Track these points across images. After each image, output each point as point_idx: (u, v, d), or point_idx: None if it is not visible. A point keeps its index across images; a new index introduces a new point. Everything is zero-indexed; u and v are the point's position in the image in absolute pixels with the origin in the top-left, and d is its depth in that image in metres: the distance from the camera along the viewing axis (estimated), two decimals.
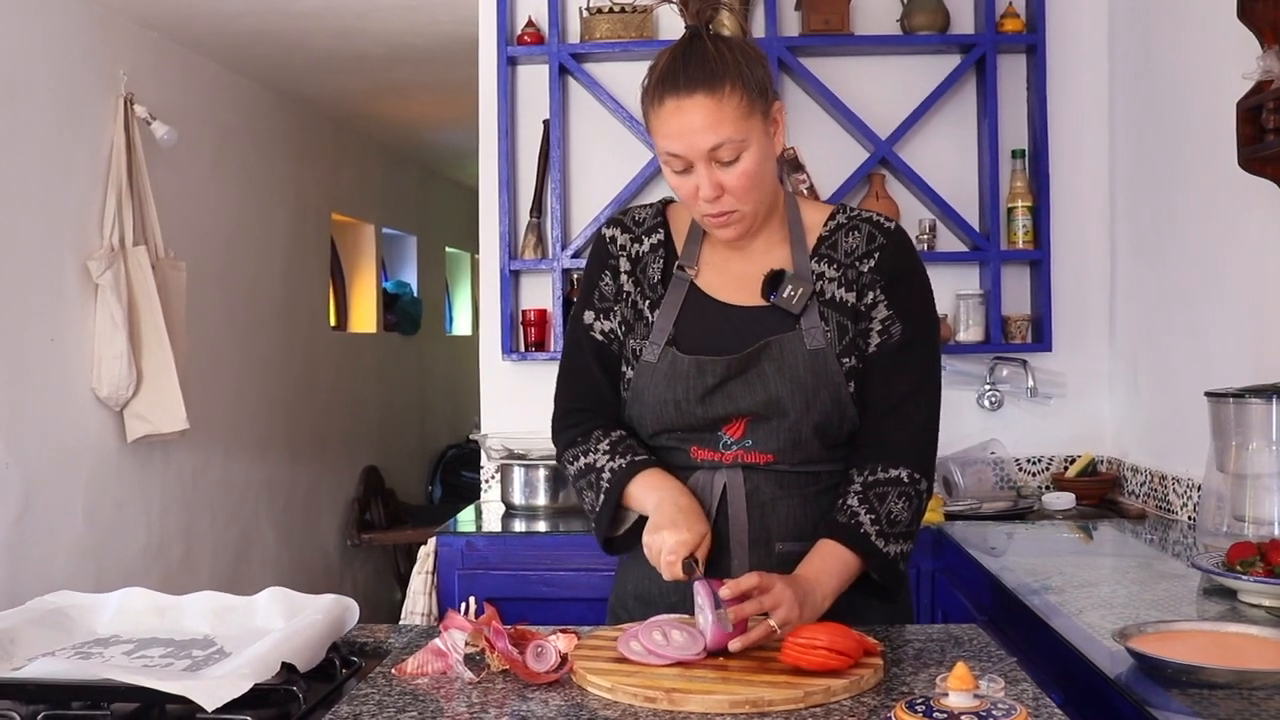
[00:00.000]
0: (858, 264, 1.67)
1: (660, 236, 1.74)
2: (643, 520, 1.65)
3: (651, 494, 1.62)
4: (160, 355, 3.88)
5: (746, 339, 1.65)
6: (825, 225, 1.71)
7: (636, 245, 1.74)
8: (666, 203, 1.80)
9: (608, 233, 1.76)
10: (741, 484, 1.66)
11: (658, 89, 1.59)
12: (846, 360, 1.65)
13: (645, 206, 1.79)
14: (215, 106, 4.78)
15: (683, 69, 1.57)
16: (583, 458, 1.70)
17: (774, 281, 1.65)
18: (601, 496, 1.67)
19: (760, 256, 1.70)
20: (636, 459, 1.66)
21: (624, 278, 1.73)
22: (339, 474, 6.04)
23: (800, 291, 1.64)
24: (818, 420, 1.63)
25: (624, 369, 1.72)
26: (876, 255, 1.67)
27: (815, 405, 1.63)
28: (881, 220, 1.71)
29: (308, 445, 5.66)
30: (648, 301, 1.71)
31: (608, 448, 1.68)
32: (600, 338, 1.74)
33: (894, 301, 1.67)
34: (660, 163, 1.64)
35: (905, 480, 1.63)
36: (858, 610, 1.62)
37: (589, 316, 1.75)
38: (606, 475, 1.66)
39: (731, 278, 1.70)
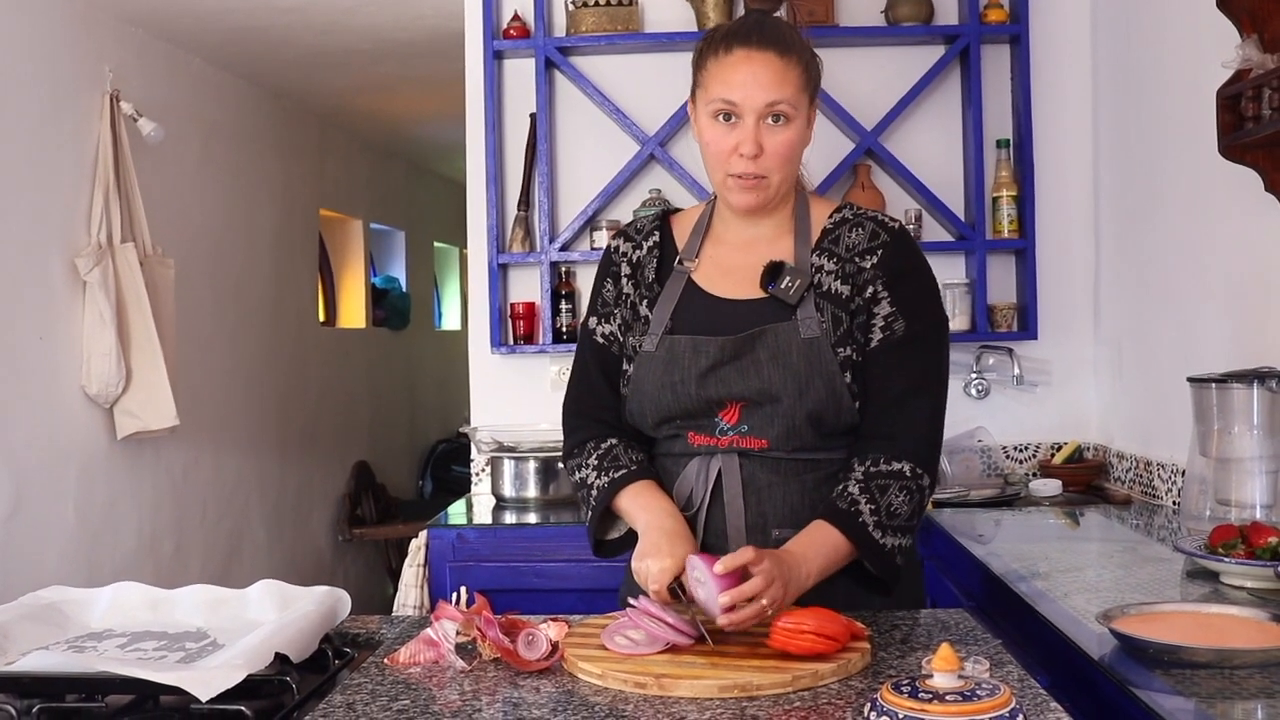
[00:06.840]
0: (858, 259, 1.69)
1: (657, 238, 1.80)
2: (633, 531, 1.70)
3: (640, 515, 1.66)
4: (149, 352, 3.88)
5: (742, 328, 1.67)
6: (830, 219, 1.74)
7: (637, 251, 1.81)
8: (668, 212, 1.86)
9: (612, 244, 1.85)
10: (737, 470, 1.68)
11: (726, 40, 1.67)
12: (842, 350, 1.66)
13: (647, 217, 1.86)
14: (201, 103, 4.77)
15: (757, 29, 1.67)
16: (578, 471, 1.78)
17: (773, 273, 1.68)
18: (589, 512, 1.74)
19: (764, 247, 1.73)
20: (617, 475, 1.70)
21: (625, 281, 1.79)
22: (330, 469, 6.04)
23: (798, 283, 1.67)
24: (811, 408, 1.65)
25: (625, 367, 1.77)
26: (879, 253, 1.69)
27: (809, 393, 1.64)
28: (885, 219, 1.74)
29: (298, 441, 5.66)
30: (645, 300, 1.76)
31: (595, 462, 1.74)
32: (601, 340, 1.81)
33: (897, 299, 1.68)
34: (705, 113, 1.68)
35: (907, 474, 1.64)
36: (855, 600, 1.64)
37: (593, 322, 1.83)
38: (595, 493, 1.73)
39: (730, 272, 1.74)
